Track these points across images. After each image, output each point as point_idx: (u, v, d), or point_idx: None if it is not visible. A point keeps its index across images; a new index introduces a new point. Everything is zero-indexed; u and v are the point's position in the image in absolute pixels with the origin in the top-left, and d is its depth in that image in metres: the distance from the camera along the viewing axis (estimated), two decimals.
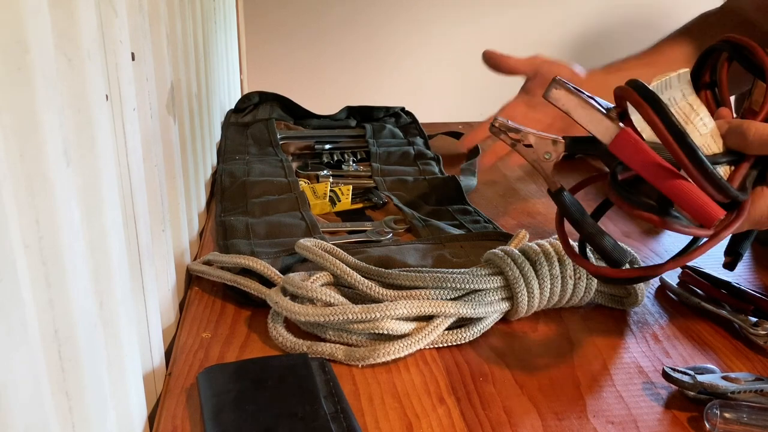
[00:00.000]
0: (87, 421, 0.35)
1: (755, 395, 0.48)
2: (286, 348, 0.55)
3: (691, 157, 0.43)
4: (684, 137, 0.43)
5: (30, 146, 0.29)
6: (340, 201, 0.85)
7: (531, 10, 2.40)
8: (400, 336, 0.54)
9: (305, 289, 0.55)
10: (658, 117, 0.43)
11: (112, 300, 0.40)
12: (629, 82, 0.45)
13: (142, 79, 0.51)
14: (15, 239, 0.28)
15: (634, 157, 0.45)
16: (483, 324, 0.57)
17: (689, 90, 0.51)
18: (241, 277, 0.62)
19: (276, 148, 1.05)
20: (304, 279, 0.58)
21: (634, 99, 0.45)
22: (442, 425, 0.47)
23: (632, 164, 0.46)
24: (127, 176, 0.46)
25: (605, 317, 0.62)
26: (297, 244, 0.63)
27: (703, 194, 0.45)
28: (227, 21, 1.41)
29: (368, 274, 0.59)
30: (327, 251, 0.61)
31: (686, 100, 0.50)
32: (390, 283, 0.58)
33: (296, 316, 0.55)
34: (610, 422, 0.48)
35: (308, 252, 0.61)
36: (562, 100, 0.46)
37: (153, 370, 0.52)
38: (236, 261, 0.62)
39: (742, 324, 0.58)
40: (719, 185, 0.45)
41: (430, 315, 0.55)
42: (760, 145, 0.48)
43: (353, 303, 0.56)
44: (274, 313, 0.57)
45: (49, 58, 0.30)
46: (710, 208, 0.44)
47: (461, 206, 0.85)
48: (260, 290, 0.60)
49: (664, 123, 0.43)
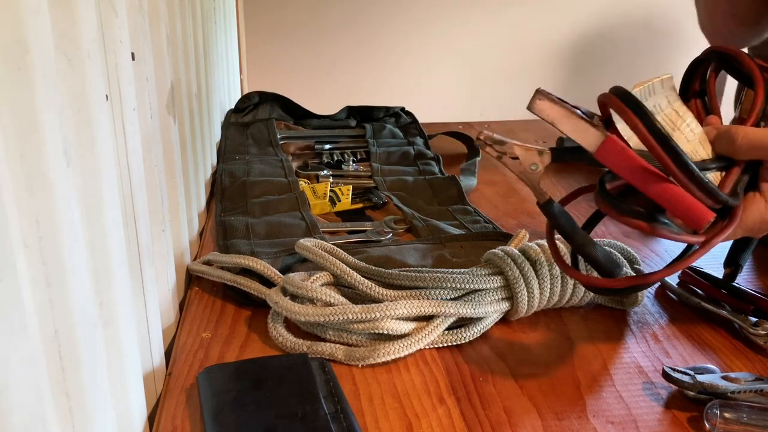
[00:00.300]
0: (87, 421, 0.35)
1: (755, 395, 0.48)
2: (286, 348, 0.55)
3: (676, 160, 0.43)
4: (668, 140, 0.43)
5: (30, 146, 0.29)
6: (340, 201, 0.85)
7: (531, 10, 2.40)
8: (400, 336, 0.54)
9: (305, 289, 0.55)
10: (641, 122, 0.43)
11: (112, 300, 0.40)
12: (612, 89, 0.45)
13: (142, 79, 0.51)
14: (15, 239, 0.28)
15: (621, 163, 0.45)
16: (483, 324, 0.57)
17: (674, 96, 0.51)
18: (241, 277, 0.62)
19: (276, 148, 1.05)
20: (304, 279, 0.58)
21: (616, 105, 0.44)
22: (442, 425, 0.47)
23: (619, 171, 0.45)
24: (127, 176, 0.46)
25: (605, 317, 0.62)
26: (297, 244, 0.63)
27: (690, 197, 0.44)
28: (227, 21, 1.41)
29: (368, 274, 0.59)
30: (327, 251, 0.61)
31: (672, 106, 0.50)
32: (390, 283, 0.58)
33: (296, 316, 0.55)
34: (610, 422, 0.48)
35: (308, 252, 0.61)
36: (546, 111, 0.46)
37: (153, 370, 0.52)
38: (236, 261, 0.62)
39: (742, 324, 0.58)
40: (706, 188, 0.44)
41: (430, 315, 0.55)
42: (748, 149, 0.48)
43: (353, 303, 0.56)
44: (274, 313, 0.57)
45: (49, 58, 0.30)
46: (698, 210, 0.44)
47: (461, 206, 0.85)
48: (260, 290, 0.60)
49: (648, 127, 0.43)
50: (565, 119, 0.46)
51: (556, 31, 2.41)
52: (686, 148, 0.48)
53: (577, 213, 0.76)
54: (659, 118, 0.47)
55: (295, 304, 0.55)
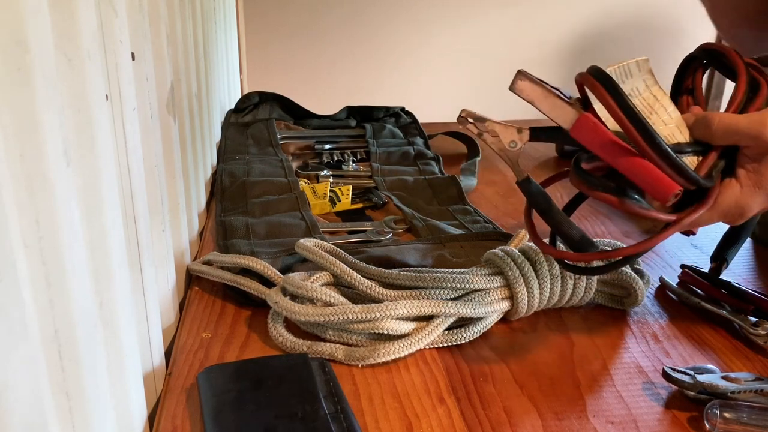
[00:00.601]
0: (87, 421, 0.35)
1: (755, 395, 0.48)
2: (286, 348, 0.55)
3: (644, 134, 0.45)
4: (635, 114, 0.44)
5: (30, 146, 0.29)
6: (340, 201, 0.85)
7: (531, 10, 2.40)
8: (400, 336, 0.54)
9: (305, 289, 0.55)
10: (610, 96, 0.45)
11: (112, 300, 0.40)
12: (588, 68, 0.47)
13: (142, 79, 0.50)
14: (15, 239, 0.28)
15: (594, 140, 0.47)
16: (483, 324, 0.57)
17: (652, 80, 0.52)
18: (241, 277, 0.62)
19: (276, 148, 1.05)
20: (304, 279, 0.58)
21: (590, 82, 0.46)
22: (442, 425, 0.47)
23: (593, 147, 0.47)
24: (127, 176, 0.46)
25: (605, 317, 0.62)
26: (297, 244, 0.63)
27: (657, 169, 0.45)
28: (227, 21, 1.41)
29: (368, 274, 0.59)
30: (327, 251, 0.61)
31: (650, 90, 0.51)
32: (390, 283, 0.58)
33: (296, 316, 0.55)
34: (610, 422, 0.48)
35: (308, 252, 0.61)
36: (527, 91, 0.48)
37: (153, 370, 0.52)
38: (236, 261, 0.62)
39: (742, 324, 0.58)
40: (673, 161, 0.45)
41: (430, 315, 0.55)
42: (723, 133, 0.49)
43: (353, 303, 0.56)
44: (274, 313, 0.57)
45: (49, 58, 0.30)
46: (664, 182, 0.45)
47: (461, 206, 0.85)
48: (260, 290, 0.60)
49: (616, 101, 0.45)
50: (543, 98, 0.47)
51: (556, 32, 2.41)
52: (663, 131, 0.49)
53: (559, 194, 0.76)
54: (637, 101, 0.48)
55: (295, 304, 0.55)
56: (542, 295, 0.59)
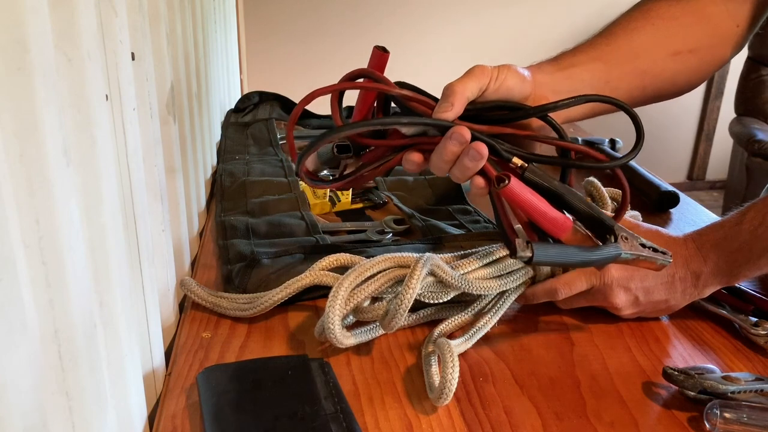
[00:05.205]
0: (87, 421, 0.35)
1: (755, 395, 0.48)
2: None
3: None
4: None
5: (30, 146, 0.29)
6: (340, 201, 0.85)
7: (530, 9, 2.40)
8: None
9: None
10: None
11: (112, 300, 0.40)
12: None
13: (142, 79, 0.50)
14: (15, 239, 0.28)
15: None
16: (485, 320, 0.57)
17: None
18: (220, 298, 0.60)
19: (276, 148, 1.05)
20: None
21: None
22: (442, 425, 0.47)
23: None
24: (127, 176, 0.46)
25: (605, 317, 0.62)
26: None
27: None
28: (227, 21, 1.41)
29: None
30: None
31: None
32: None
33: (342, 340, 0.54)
34: (610, 422, 0.48)
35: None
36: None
37: (153, 369, 0.52)
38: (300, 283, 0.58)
39: (742, 324, 0.58)
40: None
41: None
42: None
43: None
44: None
45: (49, 58, 0.30)
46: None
47: (461, 206, 0.85)
48: (239, 308, 0.59)
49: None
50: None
51: (556, 31, 2.41)
52: None
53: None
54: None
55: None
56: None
